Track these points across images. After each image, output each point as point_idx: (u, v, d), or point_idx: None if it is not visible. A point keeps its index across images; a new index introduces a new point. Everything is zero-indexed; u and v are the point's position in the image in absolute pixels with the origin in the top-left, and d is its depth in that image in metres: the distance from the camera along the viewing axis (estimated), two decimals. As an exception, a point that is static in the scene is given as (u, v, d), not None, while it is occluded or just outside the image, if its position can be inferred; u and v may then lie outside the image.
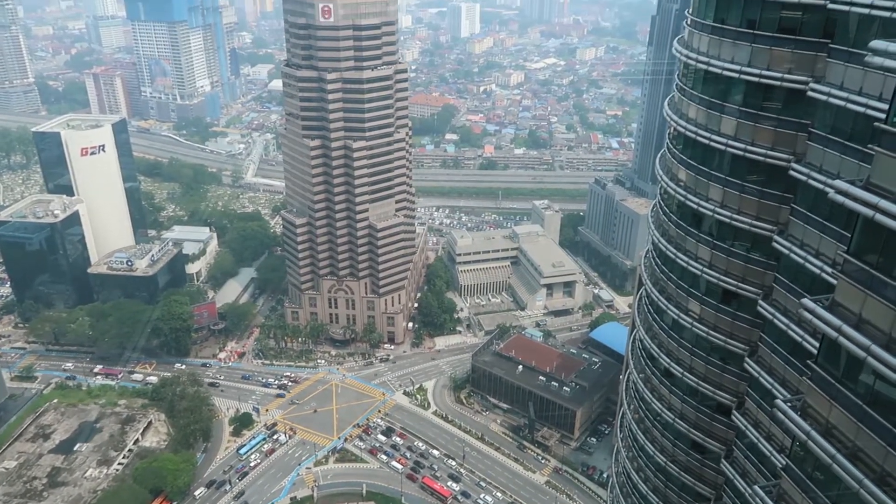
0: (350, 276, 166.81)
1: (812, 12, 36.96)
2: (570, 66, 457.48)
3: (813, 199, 37.43)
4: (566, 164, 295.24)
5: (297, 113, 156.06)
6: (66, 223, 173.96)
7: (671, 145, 50.67)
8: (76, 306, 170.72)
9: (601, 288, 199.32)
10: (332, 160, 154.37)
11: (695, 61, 44.63)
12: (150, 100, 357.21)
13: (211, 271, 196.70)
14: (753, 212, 42.60)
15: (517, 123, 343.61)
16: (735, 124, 42.30)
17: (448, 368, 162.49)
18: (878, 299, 24.34)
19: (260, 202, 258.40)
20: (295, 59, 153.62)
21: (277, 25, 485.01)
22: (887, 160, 23.86)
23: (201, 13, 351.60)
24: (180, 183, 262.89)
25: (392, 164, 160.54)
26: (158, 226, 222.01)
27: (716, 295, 46.86)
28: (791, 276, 39.94)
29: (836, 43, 35.42)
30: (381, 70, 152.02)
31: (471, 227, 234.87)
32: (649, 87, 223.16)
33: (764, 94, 40.47)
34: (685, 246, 48.56)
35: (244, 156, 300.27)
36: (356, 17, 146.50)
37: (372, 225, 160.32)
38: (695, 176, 46.44)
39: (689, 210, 47.21)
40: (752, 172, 42.34)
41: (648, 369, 56.49)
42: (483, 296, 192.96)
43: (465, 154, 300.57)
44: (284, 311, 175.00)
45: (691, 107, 46.25)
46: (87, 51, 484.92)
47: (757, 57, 39.98)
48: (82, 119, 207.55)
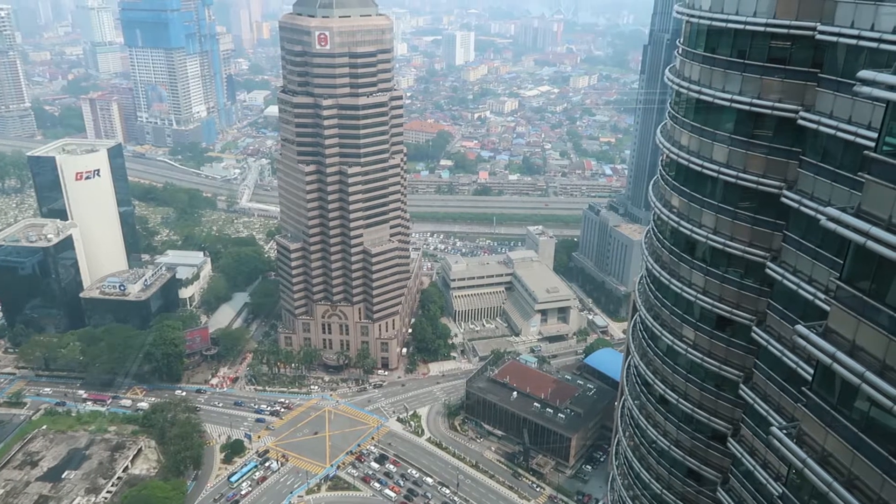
0: (344, 301, 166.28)
1: (801, 42, 37.58)
2: (564, 94, 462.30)
3: (805, 226, 37.70)
4: (560, 190, 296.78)
5: (292, 138, 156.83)
6: (59, 247, 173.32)
7: (664, 172, 51.07)
8: (67, 331, 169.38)
9: (595, 314, 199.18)
10: (327, 185, 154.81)
11: (686, 90, 45.22)
12: (146, 125, 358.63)
13: (204, 296, 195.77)
14: (746, 238, 42.84)
15: (511, 150, 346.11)
16: (727, 152, 42.73)
17: (442, 395, 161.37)
18: (871, 326, 24.41)
19: (254, 227, 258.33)
20: (291, 86, 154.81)
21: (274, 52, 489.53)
22: (877, 188, 24.11)
23: (198, 40, 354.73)
24: (175, 207, 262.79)
25: (387, 189, 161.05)
26: (152, 250, 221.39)
27: (710, 321, 46.89)
28: (785, 303, 40.04)
29: (825, 72, 35.98)
30: (377, 97, 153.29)
31: (465, 253, 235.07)
32: (642, 114, 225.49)
33: (755, 122, 40.96)
34: (679, 272, 48.69)
35: (239, 181, 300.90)
36: (352, 45, 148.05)
37: (366, 250, 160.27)
38: (688, 202, 46.76)
39: (683, 236, 47.44)
40: (745, 199, 42.67)
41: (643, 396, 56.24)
42: (477, 321, 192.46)
43: (460, 180, 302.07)
44: (278, 337, 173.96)
45: (683, 134, 46.73)
46: (84, 76, 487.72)
47: (747, 86, 40.55)
48: (78, 144, 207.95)
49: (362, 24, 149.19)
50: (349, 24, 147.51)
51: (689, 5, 46.12)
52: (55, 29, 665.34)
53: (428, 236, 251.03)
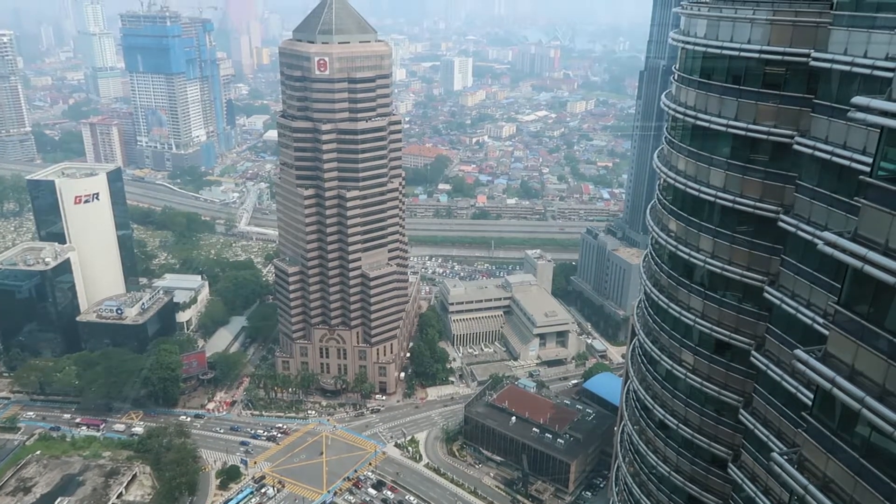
0: (342, 325, 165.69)
1: (795, 69, 38.07)
2: (561, 119, 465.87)
3: (802, 250, 37.81)
4: (558, 214, 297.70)
5: (291, 162, 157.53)
6: (57, 271, 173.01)
7: (661, 196, 51.33)
8: (63, 355, 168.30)
9: (594, 338, 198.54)
10: (325, 209, 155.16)
11: (683, 115, 45.64)
12: (145, 149, 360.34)
13: (201, 320, 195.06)
14: (744, 262, 42.95)
15: (509, 174, 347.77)
16: (723, 176, 43.03)
17: (440, 420, 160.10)
18: (870, 350, 24.36)
19: (253, 250, 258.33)
20: (290, 111, 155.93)
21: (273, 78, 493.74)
22: (873, 212, 24.23)
23: (199, 66, 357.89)
24: (173, 231, 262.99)
25: (385, 213, 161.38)
26: (150, 274, 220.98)
27: (709, 345, 46.80)
28: (783, 327, 40.01)
29: (819, 98, 36.38)
30: (376, 121, 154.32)
31: (463, 277, 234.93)
32: (639, 139, 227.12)
33: (751, 147, 41.33)
34: (677, 296, 48.70)
35: (238, 204, 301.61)
36: (351, 71, 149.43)
37: (364, 274, 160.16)
38: (685, 227, 46.93)
39: (681, 260, 47.54)
40: (742, 223, 42.88)
41: (643, 421, 55.89)
42: (476, 345, 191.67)
43: (458, 204, 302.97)
44: (275, 361, 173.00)
45: (680, 159, 47.07)
46: (84, 101, 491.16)
47: (743, 111, 40.96)
48: (77, 167, 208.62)
49: (361, 51, 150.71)
50: (348, 50, 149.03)
51: (684, 32, 46.78)
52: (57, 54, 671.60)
53: (426, 260, 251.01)
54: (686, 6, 48.54)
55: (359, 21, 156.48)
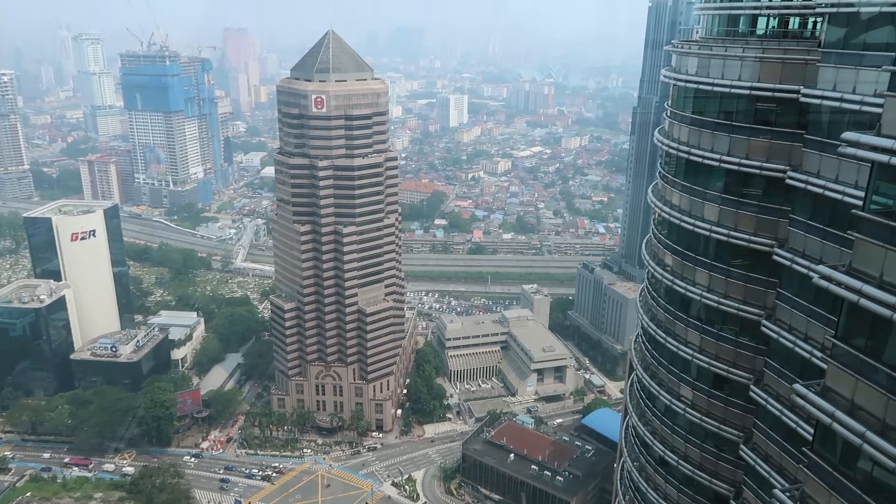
0: (338, 361, 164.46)
1: (786, 105, 38.66)
2: (556, 155, 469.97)
3: (798, 284, 37.87)
4: (554, 248, 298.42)
5: (288, 199, 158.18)
6: (52, 308, 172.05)
7: (656, 231, 51.58)
8: (56, 394, 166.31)
9: (592, 373, 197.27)
10: (321, 245, 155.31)
11: (676, 150, 46.15)
12: (143, 186, 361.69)
13: (197, 357, 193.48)
14: (740, 296, 42.97)
15: (505, 209, 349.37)
16: (718, 210, 43.32)
17: (438, 457, 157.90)
18: (869, 384, 24.24)
19: (249, 287, 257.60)
20: (287, 147, 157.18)
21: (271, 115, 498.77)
22: (867, 246, 24.36)
23: (197, 104, 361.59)
24: (169, 268, 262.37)
25: (382, 248, 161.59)
26: (145, 311, 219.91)
27: (707, 380, 46.53)
28: (781, 361, 39.85)
29: (810, 134, 36.86)
30: (372, 158, 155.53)
31: (460, 312, 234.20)
32: (633, 174, 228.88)
33: (744, 182, 41.71)
34: (674, 330, 48.59)
35: (234, 241, 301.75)
36: (348, 108, 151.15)
37: (361, 309, 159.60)
38: (681, 261, 47.06)
39: (677, 294, 47.55)
40: (737, 257, 43.03)
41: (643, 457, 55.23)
42: (473, 381, 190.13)
43: (455, 239, 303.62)
44: (270, 398, 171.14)
45: (674, 194, 47.43)
46: (83, 139, 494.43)
47: (735, 146, 41.45)
48: (74, 205, 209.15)
49: (358, 88, 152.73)
50: (345, 87, 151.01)
51: (675, 70, 47.57)
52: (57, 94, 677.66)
53: (423, 295, 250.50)
54: (677, 45, 49.46)
55: (355, 60, 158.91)
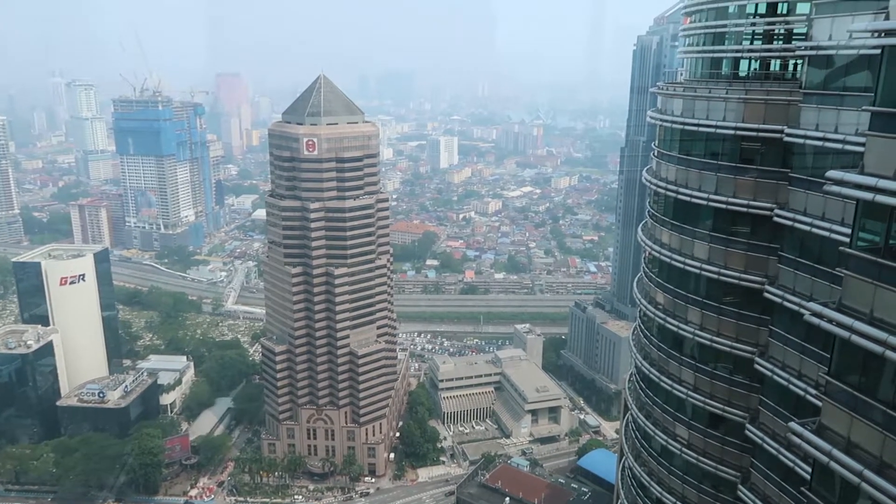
0: (330, 404, 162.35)
1: (770, 144, 39.31)
2: (546, 194, 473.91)
3: (790, 321, 37.96)
4: (546, 287, 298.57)
5: (279, 241, 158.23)
6: (39, 354, 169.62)
7: (647, 269, 51.80)
8: (42, 441, 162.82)
9: (587, 413, 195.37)
10: (313, 287, 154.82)
11: (664, 189, 46.67)
12: (133, 229, 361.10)
13: (186, 402, 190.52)
14: (733, 333, 42.98)
15: (496, 249, 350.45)
16: (707, 248, 43.61)
17: (431, 502, 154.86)
18: (865, 422, 24.10)
19: (240, 329, 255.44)
20: (279, 190, 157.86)
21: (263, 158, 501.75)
22: (856, 282, 24.52)
23: (189, 148, 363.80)
24: (159, 311, 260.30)
25: (373, 290, 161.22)
26: (134, 355, 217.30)
27: (703, 419, 46.18)
28: (776, 399, 39.69)
29: (795, 172, 37.41)
30: (364, 199, 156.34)
31: (453, 353, 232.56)
32: (622, 213, 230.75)
33: (732, 220, 42.11)
34: (668, 369, 48.40)
35: (225, 283, 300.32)
36: (339, 151, 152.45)
37: (353, 351, 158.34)
38: (672, 299, 47.16)
39: (670, 333, 47.52)
40: (728, 295, 43.17)
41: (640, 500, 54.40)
42: (467, 423, 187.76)
43: (446, 279, 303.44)
44: (261, 444, 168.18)
45: (664, 232, 47.79)
46: (74, 183, 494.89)
47: (722, 185, 41.97)
48: (64, 249, 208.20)
49: (349, 131, 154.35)
50: (336, 131, 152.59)
51: (661, 111, 48.45)
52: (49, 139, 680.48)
53: (415, 336, 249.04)
54: (662, 87, 50.49)
55: (346, 103, 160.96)
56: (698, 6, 49.38)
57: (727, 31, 47.17)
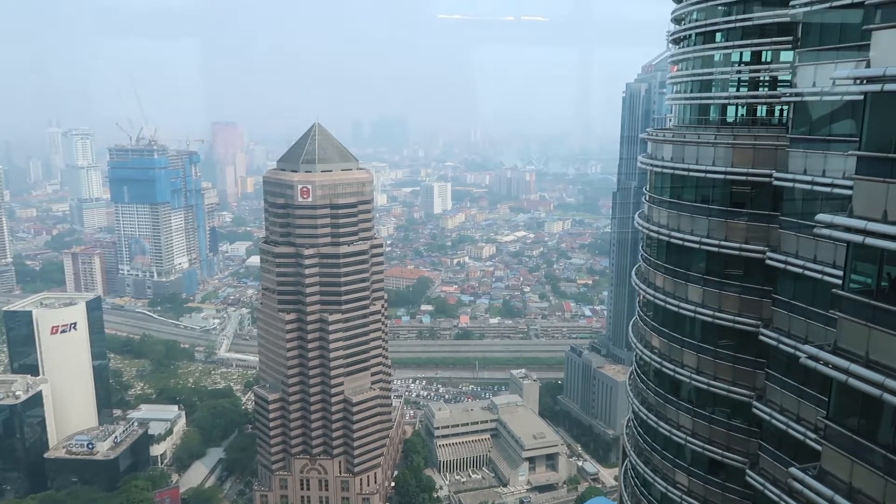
0: (324, 453, 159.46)
1: (760, 187, 39.78)
2: (540, 239, 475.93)
3: (786, 364, 37.78)
4: (541, 332, 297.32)
5: (273, 287, 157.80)
6: (27, 404, 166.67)
7: (642, 313, 51.73)
8: (28, 495, 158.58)
9: (585, 460, 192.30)
10: (307, 333, 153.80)
11: (656, 234, 46.96)
12: (127, 277, 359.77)
13: (177, 452, 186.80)
14: (730, 377, 42.69)
15: (491, 294, 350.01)
16: (701, 292, 43.65)
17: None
18: (866, 466, 23.79)
19: (232, 377, 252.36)
20: (273, 236, 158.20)
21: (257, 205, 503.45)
22: (850, 325, 24.51)
23: (184, 195, 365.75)
24: (151, 360, 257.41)
25: (368, 336, 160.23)
26: (125, 405, 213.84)
27: (702, 465, 45.48)
28: (776, 443, 39.20)
29: (785, 215, 37.76)
30: (358, 245, 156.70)
31: (448, 399, 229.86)
32: (616, 257, 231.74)
33: (725, 263, 42.25)
34: (666, 414, 47.89)
35: (218, 331, 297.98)
36: (333, 197, 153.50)
37: (347, 399, 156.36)
38: (668, 342, 46.98)
39: (666, 377, 47.17)
40: (724, 338, 43.01)
41: (641, 549, 53.11)
42: (463, 471, 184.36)
43: (441, 324, 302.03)
44: (253, 495, 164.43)
45: (658, 276, 47.90)
46: (68, 231, 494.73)
47: (714, 229, 42.27)
48: (56, 297, 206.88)
49: (343, 178, 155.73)
50: (331, 177, 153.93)
51: (651, 156, 49.13)
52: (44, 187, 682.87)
53: (410, 383, 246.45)
54: (651, 132, 51.31)
55: (340, 150, 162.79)
56: (685, 55, 50.61)
57: (714, 78, 48.25)
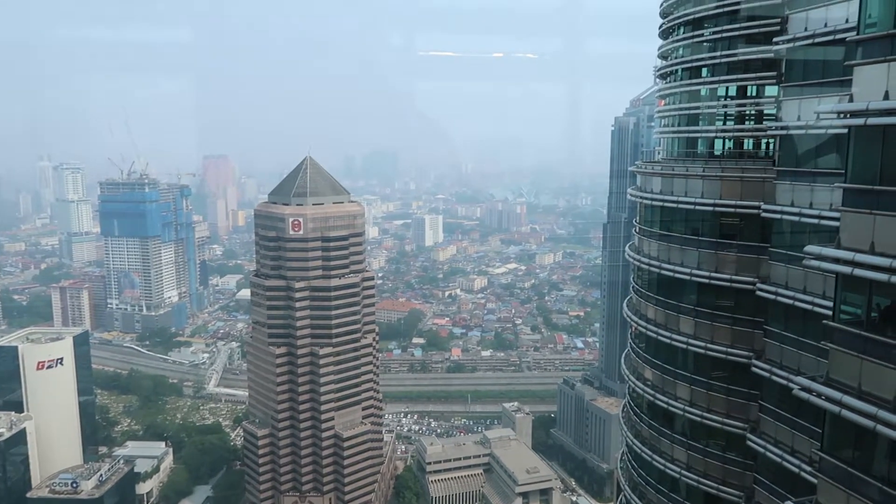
0: (314, 490, 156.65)
1: (749, 219, 40.13)
2: (531, 271, 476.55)
3: (779, 396, 37.68)
4: (533, 364, 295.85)
5: (263, 321, 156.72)
6: (10, 442, 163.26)
7: (634, 344, 51.64)
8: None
9: (579, 494, 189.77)
10: (297, 367, 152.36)
11: (647, 265, 47.14)
12: (115, 311, 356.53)
13: (164, 490, 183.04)
14: (723, 409, 42.49)
15: (483, 326, 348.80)
16: (693, 323, 43.69)
17: None
18: (861, 499, 23.57)
19: (221, 413, 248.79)
20: (264, 270, 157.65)
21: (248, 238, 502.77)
22: (842, 356, 24.50)
23: (175, 229, 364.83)
24: (139, 395, 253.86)
25: (359, 369, 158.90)
26: (111, 441, 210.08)
27: (697, 499, 44.96)
28: (771, 476, 38.88)
29: (774, 246, 38.04)
30: (349, 278, 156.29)
31: (440, 433, 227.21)
32: (607, 288, 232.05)
33: (716, 294, 42.39)
34: (660, 447, 47.50)
35: (207, 365, 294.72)
36: (325, 230, 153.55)
37: (338, 434, 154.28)
38: (661, 374, 46.81)
39: (660, 409, 46.90)
40: (717, 369, 42.93)
41: (637, 587, 52.15)
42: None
43: (433, 357, 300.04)
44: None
45: (649, 307, 47.95)
46: (56, 265, 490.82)
47: (704, 260, 42.50)
48: (43, 332, 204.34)
49: (335, 211, 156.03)
50: (322, 210, 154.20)
51: (641, 189, 49.56)
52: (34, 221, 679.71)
53: (401, 417, 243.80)
54: (640, 165, 51.87)
55: (332, 183, 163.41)
56: (672, 89, 51.45)
57: (700, 112, 49.00)
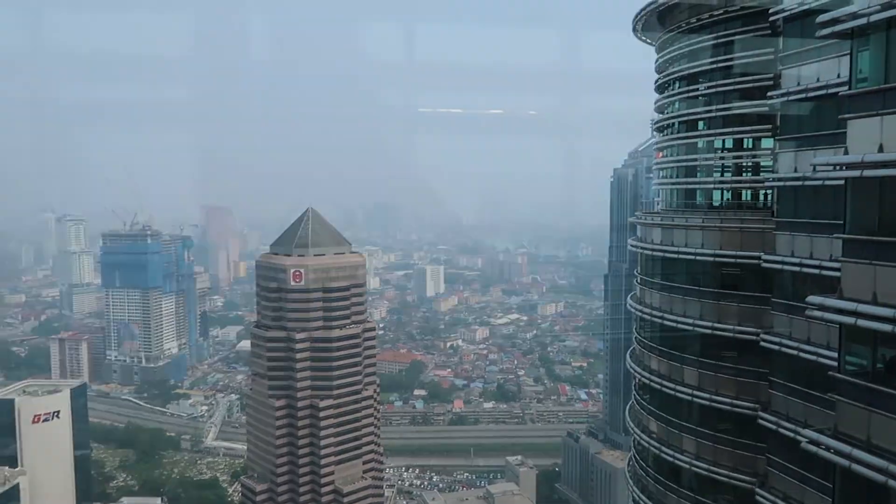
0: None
1: (749, 269, 40.17)
2: (533, 321, 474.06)
3: (787, 449, 37.02)
4: (537, 416, 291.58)
5: (263, 373, 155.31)
6: (4, 498, 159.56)
7: (638, 396, 51.10)
8: None
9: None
10: (297, 420, 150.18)
11: (649, 316, 47.00)
12: (114, 363, 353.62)
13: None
14: (730, 463, 41.72)
15: (485, 377, 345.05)
16: (697, 374, 43.30)
17: None
18: (876, 557, 22.96)
19: (219, 467, 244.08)
20: (265, 321, 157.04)
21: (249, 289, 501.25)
22: (849, 408, 24.18)
23: (176, 280, 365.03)
24: (135, 449, 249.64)
25: (360, 422, 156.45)
26: (106, 497, 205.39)
27: (707, 557, 43.77)
28: (782, 534, 37.86)
29: (776, 297, 37.96)
30: (350, 329, 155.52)
31: (442, 488, 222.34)
32: (610, 339, 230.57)
33: (720, 345, 42.13)
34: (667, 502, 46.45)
35: (206, 418, 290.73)
36: (326, 281, 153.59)
37: (338, 489, 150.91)
38: (666, 427, 46.15)
39: (666, 463, 46.05)
40: (723, 421, 42.36)
41: None
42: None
43: (435, 410, 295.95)
44: None
45: (653, 359, 47.60)
46: (56, 317, 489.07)
47: (706, 310, 42.38)
48: (40, 385, 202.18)
49: (336, 262, 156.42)
50: (323, 261, 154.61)
51: (641, 239, 49.82)
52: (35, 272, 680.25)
53: (403, 471, 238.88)
54: (640, 215, 52.25)
55: (334, 234, 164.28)
56: (669, 142, 52.23)
57: (698, 164, 49.61)
